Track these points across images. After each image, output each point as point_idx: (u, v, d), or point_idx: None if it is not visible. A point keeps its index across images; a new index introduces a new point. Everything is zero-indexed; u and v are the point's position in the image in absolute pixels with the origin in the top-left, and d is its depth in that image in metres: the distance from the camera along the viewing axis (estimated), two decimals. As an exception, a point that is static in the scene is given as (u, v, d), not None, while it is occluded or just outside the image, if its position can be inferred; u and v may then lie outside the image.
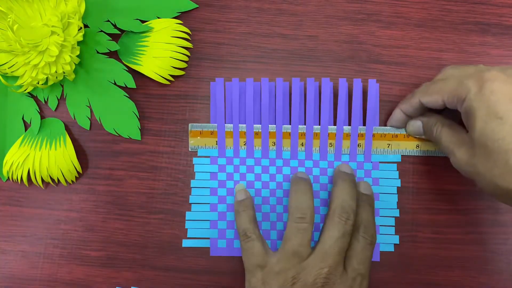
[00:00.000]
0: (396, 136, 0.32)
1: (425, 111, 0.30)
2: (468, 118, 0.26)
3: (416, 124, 0.31)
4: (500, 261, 0.32)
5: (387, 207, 0.32)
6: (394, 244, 0.32)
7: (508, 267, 0.32)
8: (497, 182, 0.24)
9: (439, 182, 0.33)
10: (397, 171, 0.33)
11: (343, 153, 0.33)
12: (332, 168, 0.33)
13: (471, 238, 0.32)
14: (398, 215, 0.32)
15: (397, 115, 0.31)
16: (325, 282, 0.27)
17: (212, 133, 0.33)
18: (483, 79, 0.25)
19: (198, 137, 0.33)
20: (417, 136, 0.32)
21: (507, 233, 0.32)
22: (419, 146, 0.32)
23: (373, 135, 0.32)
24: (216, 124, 0.33)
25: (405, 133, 0.32)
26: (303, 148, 0.33)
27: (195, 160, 0.33)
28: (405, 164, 0.33)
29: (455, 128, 0.28)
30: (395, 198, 0.32)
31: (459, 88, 0.26)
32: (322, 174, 0.33)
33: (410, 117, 0.31)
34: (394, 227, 0.32)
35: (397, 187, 0.33)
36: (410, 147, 0.32)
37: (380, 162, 0.33)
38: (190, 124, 0.33)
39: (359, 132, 0.33)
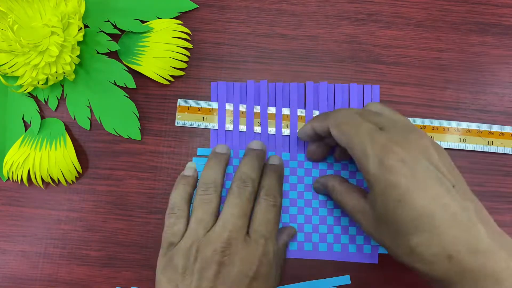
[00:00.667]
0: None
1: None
2: (369, 187, 0.25)
3: (318, 187, 0.32)
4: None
5: None
6: None
7: (508, 267, 0.32)
8: (403, 260, 0.24)
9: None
10: None
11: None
12: (331, 169, 0.33)
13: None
14: None
15: (308, 129, 0.29)
16: (226, 247, 0.26)
17: (199, 109, 0.33)
18: (384, 152, 0.23)
19: (186, 112, 0.33)
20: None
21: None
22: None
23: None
24: (214, 102, 0.33)
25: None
26: (303, 150, 0.33)
27: (195, 159, 0.33)
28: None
29: (354, 195, 0.28)
30: None
31: (360, 153, 0.25)
32: (326, 173, 0.33)
33: (318, 134, 0.29)
34: None
35: None
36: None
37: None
38: (178, 99, 0.33)
39: None
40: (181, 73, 0.34)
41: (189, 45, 0.34)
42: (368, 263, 0.32)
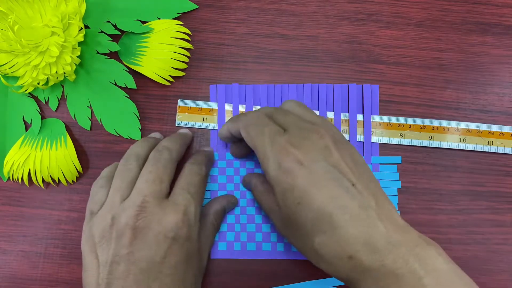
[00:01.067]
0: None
1: None
2: (272, 190, 0.25)
3: (243, 182, 0.32)
4: (500, 261, 0.32)
5: None
6: None
7: (508, 267, 0.32)
8: (311, 260, 0.24)
9: (439, 182, 0.33)
10: (398, 173, 0.33)
11: None
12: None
13: (471, 238, 0.32)
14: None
15: (224, 132, 0.30)
16: (140, 211, 0.25)
17: (200, 109, 0.33)
18: (281, 155, 0.24)
19: (186, 113, 0.33)
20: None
21: (507, 233, 0.32)
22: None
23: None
24: (214, 102, 0.34)
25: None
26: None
27: None
28: (406, 164, 0.33)
29: (268, 194, 0.28)
30: (395, 200, 0.32)
31: (262, 155, 0.25)
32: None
33: (234, 136, 0.29)
34: None
35: (398, 188, 0.33)
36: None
37: (381, 164, 0.33)
38: (179, 100, 0.33)
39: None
40: (181, 73, 0.34)
41: (189, 45, 0.34)
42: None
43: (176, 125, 0.33)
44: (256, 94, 0.34)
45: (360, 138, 0.33)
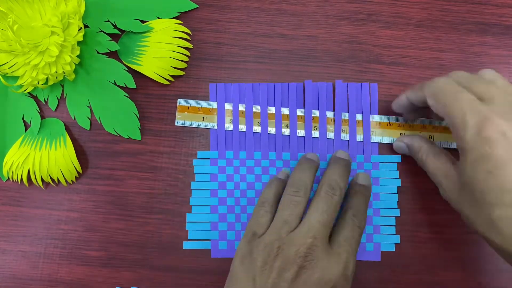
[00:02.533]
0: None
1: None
2: (460, 154, 0.25)
3: (401, 145, 0.32)
4: (500, 261, 0.32)
5: (388, 207, 0.32)
6: (395, 244, 0.32)
7: (508, 267, 0.32)
8: (478, 229, 0.24)
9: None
10: (397, 171, 0.33)
11: None
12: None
13: (471, 238, 0.32)
14: (399, 215, 0.32)
15: (403, 100, 0.30)
16: (308, 253, 0.26)
17: (199, 109, 0.33)
18: (484, 123, 0.23)
19: (186, 112, 0.33)
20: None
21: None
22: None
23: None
24: (213, 102, 0.33)
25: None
26: (303, 150, 0.33)
27: (195, 161, 0.33)
28: (406, 164, 0.33)
29: (441, 158, 0.28)
30: (395, 198, 0.32)
31: (459, 120, 0.25)
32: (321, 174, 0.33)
33: (413, 104, 0.29)
34: (394, 227, 0.32)
35: (398, 186, 0.33)
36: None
37: (381, 162, 0.33)
38: (178, 99, 0.33)
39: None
40: (181, 73, 0.34)
41: (189, 45, 0.34)
42: (370, 261, 0.32)
43: (176, 124, 0.33)
44: (256, 93, 0.34)
45: (359, 138, 0.33)
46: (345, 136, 0.33)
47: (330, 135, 0.33)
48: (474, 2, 0.35)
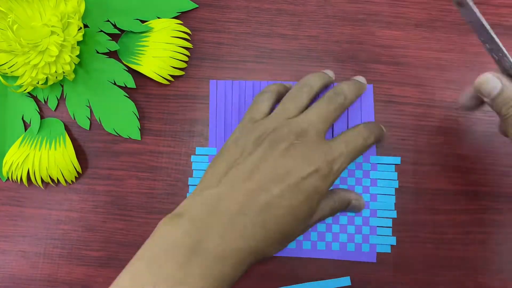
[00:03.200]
0: None
1: None
2: None
3: (492, 83, 0.25)
4: (500, 261, 0.32)
5: (385, 208, 0.32)
6: (392, 245, 0.32)
7: (508, 267, 0.32)
8: None
9: (439, 182, 0.33)
10: (396, 173, 0.33)
11: None
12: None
13: (471, 238, 0.32)
14: (396, 216, 0.32)
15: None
16: (300, 134, 0.27)
17: None
18: None
19: None
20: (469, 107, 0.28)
21: (507, 233, 0.32)
22: None
23: None
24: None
25: None
26: None
27: (193, 158, 0.33)
28: (405, 164, 0.33)
29: None
30: (392, 200, 0.32)
31: None
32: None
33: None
34: (391, 229, 0.32)
35: (395, 188, 0.33)
36: None
37: (379, 164, 0.33)
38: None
39: None
40: (181, 72, 0.34)
41: (189, 44, 0.34)
42: (368, 263, 0.32)
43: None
44: (256, 90, 0.33)
45: None
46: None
47: (329, 136, 0.33)
48: (474, 2, 0.34)
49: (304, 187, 0.26)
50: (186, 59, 0.34)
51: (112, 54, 0.34)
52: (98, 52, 0.33)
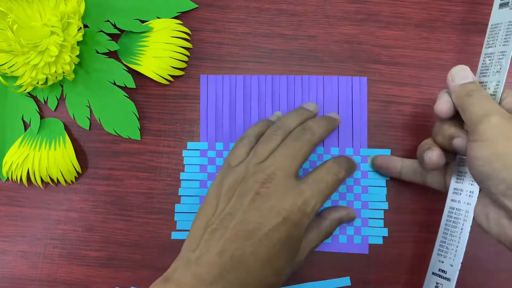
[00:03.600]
0: None
1: None
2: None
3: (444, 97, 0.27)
4: (499, 261, 0.32)
5: (376, 200, 0.32)
6: (384, 236, 0.32)
7: (508, 267, 0.32)
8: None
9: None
10: None
11: (332, 146, 0.33)
12: (321, 160, 0.33)
13: (470, 238, 0.32)
14: (387, 208, 0.32)
15: (443, 98, 0.27)
16: (266, 180, 0.26)
17: None
18: None
19: None
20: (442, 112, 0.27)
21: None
22: None
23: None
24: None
25: None
26: None
27: (184, 152, 0.33)
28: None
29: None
30: (383, 191, 0.33)
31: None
32: (312, 166, 0.33)
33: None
34: (383, 220, 0.32)
35: (386, 180, 0.33)
36: None
37: (369, 156, 0.33)
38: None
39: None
40: (180, 72, 0.34)
41: (188, 45, 0.34)
42: (368, 263, 0.32)
43: None
44: (247, 85, 0.34)
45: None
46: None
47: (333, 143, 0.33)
48: (474, 2, 0.35)
49: (277, 238, 0.25)
50: (186, 59, 0.34)
51: (112, 54, 0.34)
52: (98, 52, 0.33)
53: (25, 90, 0.33)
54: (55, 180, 0.33)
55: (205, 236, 0.26)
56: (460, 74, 0.26)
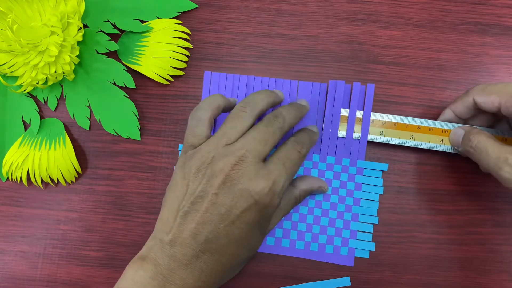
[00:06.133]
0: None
1: (477, 113, 0.30)
2: None
3: (458, 133, 0.30)
4: (499, 262, 0.32)
5: (367, 214, 0.32)
6: (370, 251, 0.32)
7: (508, 267, 0.32)
8: None
9: (439, 182, 0.33)
10: (382, 179, 0.32)
11: (328, 154, 0.33)
12: (316, 168, 0.33)
13: (470, 238, 0.32)
14: (377, 223, 0.32)
15: (446, 115, 0.31)
16: (237, 163, 0.26)
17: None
18: None
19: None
20: (455, 148, 0.31)
21: (507, 234, 0.32)
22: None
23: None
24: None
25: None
26: None
27: (180, 146, 0.33)
28: (405, 164, 0.33)
29: (499, 143, 0.27)
30: (376, 206, 0.32)
31: None
32: (306, 173, 0.33)
33: (459, 118, 0.31)
34: (371, 234, 0.32)
35: (380, 194, 0.33)
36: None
37: (366, 168, 0.33)
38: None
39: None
40: (180, 73, 0.34)
41: (188, 45, 0.34)
42: (368, 263, 0.32)
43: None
44: (250, 85, 0.34)
45: (356, 135, 0.32)
46: (342, 133, 0.32)
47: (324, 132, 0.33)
48: (474, 2, 0.35)
49: (249, 219, 0.26)
50: (186, 59, 0.34)
51: (112, 54, 0.34)
52: (98, 52, 0.33)
53: (25, 90, 0.33)
54: (55, 180, 0.33)
55: (177, 219, 0.26)
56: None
